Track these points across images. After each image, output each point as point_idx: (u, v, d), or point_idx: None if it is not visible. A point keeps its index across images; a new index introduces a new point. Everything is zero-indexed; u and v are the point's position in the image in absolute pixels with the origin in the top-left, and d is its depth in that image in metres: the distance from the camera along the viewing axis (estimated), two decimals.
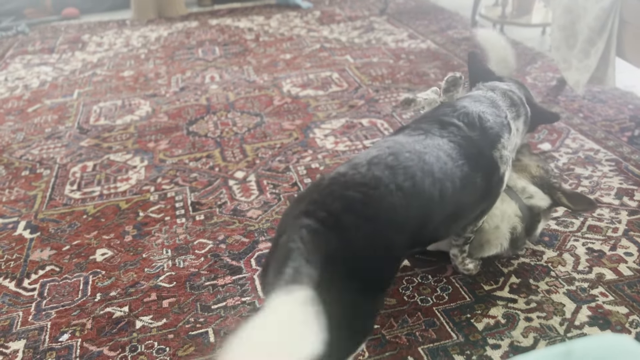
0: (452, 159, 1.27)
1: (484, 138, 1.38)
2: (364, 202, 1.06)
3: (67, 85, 3.33)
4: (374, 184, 1.09)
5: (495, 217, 1.55)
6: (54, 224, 2.00)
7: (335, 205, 1.05)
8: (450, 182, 1.23)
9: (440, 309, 1.51)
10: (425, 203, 1.16)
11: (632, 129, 2.36)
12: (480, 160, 1.34)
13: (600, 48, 2.26)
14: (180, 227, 1.92)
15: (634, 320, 1.43)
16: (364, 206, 1.06)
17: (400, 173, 1.13)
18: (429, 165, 1.20)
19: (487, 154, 1.37)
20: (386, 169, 1.13)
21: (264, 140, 2.49)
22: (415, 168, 1.17)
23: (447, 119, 1.39)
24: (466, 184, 1.28)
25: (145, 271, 1.73)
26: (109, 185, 2.22)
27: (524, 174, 1.63)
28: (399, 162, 1.16)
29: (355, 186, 1.08)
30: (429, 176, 1.18)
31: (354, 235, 1.03)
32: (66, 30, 4.52)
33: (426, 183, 1.16)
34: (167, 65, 3.55)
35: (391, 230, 1.08)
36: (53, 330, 1.53)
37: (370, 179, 1.10)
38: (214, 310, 1.56)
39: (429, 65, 3.23)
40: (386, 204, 1.08)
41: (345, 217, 1.03)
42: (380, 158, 1.17)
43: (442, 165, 1.23)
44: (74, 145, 2.57)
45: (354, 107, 2.76)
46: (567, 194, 1.59)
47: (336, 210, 1.04)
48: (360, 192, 1.07)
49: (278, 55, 3.59)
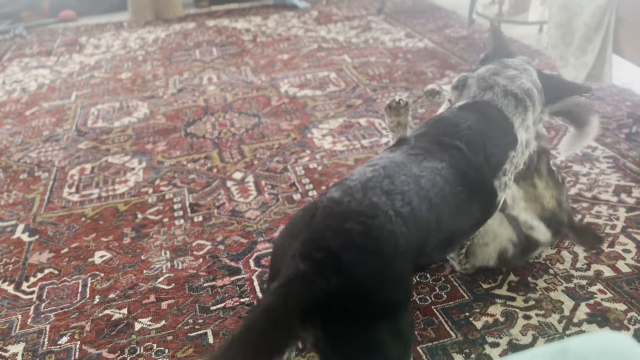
0: (450, 184, 1.21)
1: (487, 165, 1.31)
2: (364, 233, 1.00)
3: (64, 87, 3.33)
4: (372, 212, 1.03)
5: (486, 236, 1.53)
6: (52, 226, 2.00)
7: (334, 241, 0.99)
8: (447, 208, 1.19)
9: (438, 308, 1.51)
10: (424, 228, 1.12)
11: (629, 126, 2.36)
12: (480, 188, 1.29)
13: (596, 45, 2.26)
14: (179, 229, 1.92)
15: (632, 317, 1.43)
16: (364, 238, 1.00)
17: (398, 199, 1.09)
18: (425, 190, 1.15)
19: (487, 181, 1.32)
20: (383, 195, 1.08)
21: (262, 141, 2.49)
22: (412, 193, 1.12)
23: (449, 140, 1.30)
24: (463, 211, 1.25)
25: (144, 273, 1.73)
26: (107, 187, 2.22)
27: (535, 206, 1.55)
28: (395, 186, 1.11)
29: (353, 216, 1.02)
30: (425, 201, 1.13)
31: (359, 272, 0.98)
32: (63, 32, 4.52)
33: (424, 208, 1.12)
34: (165, 66, 3.55)
35: (395, 258, 1.03)
36: (52, 333, 1.53)
37: (368, 207, 1.04)
38: (213, 312, 1.56)
39: (426, 64, 3.23)
40: (387, 232, 1.03)
41: (347, 254, 0.97)
42: (376, 182, 1.12)
43: (439, 191, 1.18)
44: (72, 147, 2.57)
45: (352, 107, 2.76)
46: (575, 229, 1.54)
47: (335, 247, 0.98)
48: (359, 223, 1.01)
49: (275, 56, 3.59)
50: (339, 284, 0.95)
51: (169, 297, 1.63)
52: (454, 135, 1.32)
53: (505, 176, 1.36)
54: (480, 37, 3.65)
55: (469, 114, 1.38)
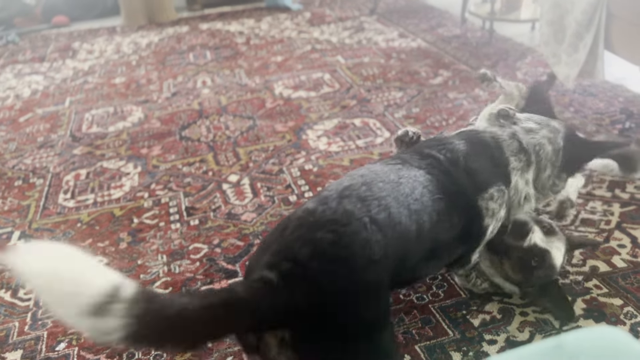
0: (429, 191, 1.19)
1: (468, 179, 1.28)
2: (334, 242, 0.97)
3: (58, 93, 3.32)
4: (345, 220, 1.00)
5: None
6: (48, 233, 2.00)
7: (303, 251, 0.95)
8: (428, 215, 1.15)
9: (436, 307, 1.51)
10: (403, 236, 1.08)
11: (622, 122, 2.37)
12: (460, 200, 1.25)
13: (588, 42, 2.27)
14: (175, 233, 1.92)
15: (628, 312, 1.44)
16: (335, 247, 0.96)
17: (374, 205, 1.05)
18: (403, 196, 1.12)
19: (469, 196, 1.28)
20: (358, 202, 1.05)
21: (257, 143, 2.49)
22: (390, 198, 1.09)
23: (428, 151, 1.31)
24: (443, 220, 1.20)
25: (141, 277, 1.73)
26: (102, 192, 2.22)
27: (500, 272, 1.47)
28: (372, 192, 1.08)
29: (325, 225, 0.99)
30: (404, 207, 1.10)
31: (325, 280, 0.94)
32: (56, 38, 4.51)
33: (403, 214, 1.09)
34: (159, 70, 3.55)
35: (368, 267, 0.98)
36: (49, 340, 1.53)
37: (342, 214, 1.01)
38: None
39: (420, 64, 3.24)
40: (360, 240, 0.99)
41: (313, 265, 0.94)
42: (352, 189, 1.09)
43: (418, 197, 1.15)
44: (67, 153, 2.57)
45: (346, 108, 2.77)
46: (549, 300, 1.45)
47: (303, 257, 0.94)
48: (330, 232, 0.98)
49: (269, 58, 3.59)
50: (304, 297, 0.91)
51: None
52: (435, 148, 1.32)
53: (493, 202, 1.30)
54: (472, 35, 3.66)
55: (464, 137, 1.38)
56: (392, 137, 1.70)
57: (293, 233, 1.00)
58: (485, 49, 3.39)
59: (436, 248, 1.22)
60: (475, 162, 1.31)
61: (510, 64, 3.11)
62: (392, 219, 1.06)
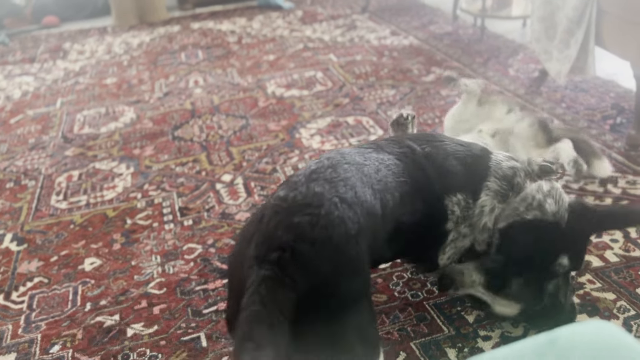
0: (394, 173, 1.22)
1: (438, 175, 1.29)
2: (312, 224, 1.00)
3: (49, 94, 3.30)
4: (318, 202, 1.04)
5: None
6: (40, 235, 1.98)
7: (286, 237, 0.99)
8: (390, 195, 1.19)
9: (430, 303, 1.52)
10: (370, 213, 1.12)
11: (614, 117, 2.39)
12: (425, 188, 1.27)
13: (579, 38, 2.28)
14: (169, 233, 1.91)
15: (621, 306, 1.44)
16: (314, 228, 1.00)
17: (340, 185, 1.09)
18: (367, 176, 1.16)
19: (435, 189, 1.28)
20: (326, 183, 1.09)
21: (250, 143, 2.49)
22: (355, 179, 1.13)
23: (406, 141, 1.34)
24: (407, 202, 1.22)
25: (135, 278, 1.73)
26: (95, 193, 2.21)
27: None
28: (337, 174, 1.12)
29: (300, 209, 1.03)
30: (368, 187, 1.14)
31: (316, 261, 0.98)
32: (47, 39, 4.47)
33: (367, 193, 1.13)
34: (150, 70, 3.53)
35: (348, 242, 1.03)
36: (43, 342, 1.52)
37: (313, 197, 1.05)
38: (206, 315, 1.56)
39: (412, 62, 3.24)
40: (335, 219, 1.03)
41: (301, 248, 0.97)
42: (319, 172, 1.13)
43: (382, 178, 1.19)
44: (59, 155, 2.55)
45: (339, 106, 2.77)
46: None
47: (288, 243, 0.98)
48: (306, 215, 1.01)
49: (261, 57, 3.59)
50: (304, 279, 0.95)
51: (160, 302, 1.62)
52: (419, 142, 1.35)
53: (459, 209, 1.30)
54: (464, 32, 3.67)
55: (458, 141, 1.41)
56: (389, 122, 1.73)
57: (271, 221, 1.03)
58: (477, 46, 3.40)
59: (399, 230, 1.23)
60: (452, 166, 1.31)
61: (502, 60, 3.12)
62: (359, 197, 1.10)
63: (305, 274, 0.96)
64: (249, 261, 0.99)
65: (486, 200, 1.34)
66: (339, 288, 0.99)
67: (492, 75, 2.93)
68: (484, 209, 1.34)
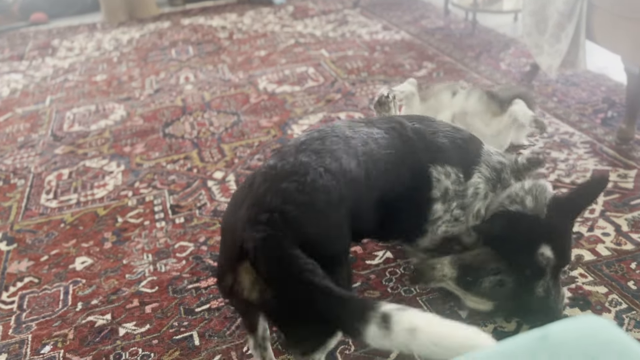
0: (380, 145, 1.28)
1: (425, 147, 1.33)
2: (298, 190, 1.09)
3: (38, 92, 3.27)
4: (304, 171, 1.13)
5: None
6: (30, 234, 1.96)
7: (274, 201, 1.07)
8: (374, 165, 1.24)
9: (423, 299, 1.52)
10: (354, 182, 1.19)
11: (605, 111, 2.39)
12: (409, 156, 1.31)
13: (570, 32, 2.28)
14: (160, 231, 1.90)
15: (613, 299, 1.45)
16: (300, 194, 1.09)
17: (326, 156, 1.17)
18: (353, 148, 1.23)
19: (419, 160, 1.32)
20: (313, 154, 1.17)
21: (241, 139, 2.47)
22: (341, 151, 1.20)
23: (401, 119, 1.40)
24: (391, 172, 1.27)
25: (127, 277, 1.71)
26: (85, 192, 2.19)
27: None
28: (324, 146, 1.20)
29: (287, 177, 1.11)
30: (354, 158, 1.21)
31: (302, 222, 1.07)
32: (35, 36, 4.43)
33: (352, 164, 1.19)
34: (141, 67, 3.50)
35: (329, 209, 1.12)
36: (34, 343, 1.51)
37: (299, 166, 1.14)
38: (198, 313, 1.55)
39: (404, 56, 3.23)
40: (319, 186, 1.11)
41: (288, 209, 1.06)
42: (308, 144, 1.21)
43: (367, 150, 1.25)
44: (48, 153, 2.52)
45: (331, 102, 2.75)
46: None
47: (276, 206, 1.06)
48: (293, 181, 1.10)
49: (253, 53, 3.57)
50: (292, 237, 1.03)
51: (152, 301, 1.61)
52: (414, 120, 1.40)
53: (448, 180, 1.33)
54: (456, 27, 3.66)
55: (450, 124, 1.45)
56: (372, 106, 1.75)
57: (260, 187, 1.11)
58: (469, 40, 3.40)
59: (385, 198, 1.26)
60: (444, 141, 1.35)
61: (494, 55, 3.12)
62: (343, 168, 1.17)
63: (292, 232, 1.04)
64: (241, 223, 1.07)
65: (479, 182, 1.36)
66: (321, 248, 1.07)
67: (483, 70, 2.92)
68: (478, 192, 1.36)
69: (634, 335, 1.36)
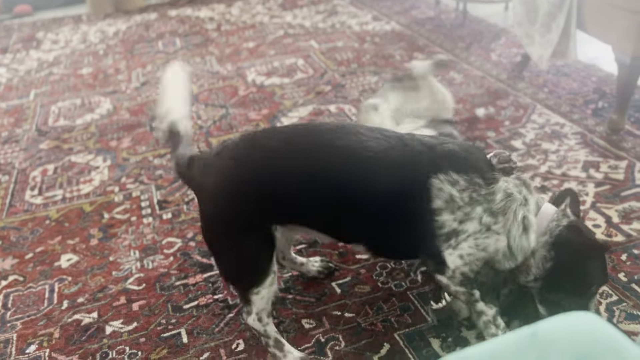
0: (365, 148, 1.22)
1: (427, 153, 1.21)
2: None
3: (22, 86, 3.21)
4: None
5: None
6: (15, 231, 1.93)
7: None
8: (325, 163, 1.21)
9: (414, 293, 1.50)
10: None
11: (595, 101, 2.39)
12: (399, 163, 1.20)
13: (561, 22, 2.27)
14: (147, 227, 1.87)
15: (603, 291, 1.44)
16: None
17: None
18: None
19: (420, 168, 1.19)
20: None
21: (230, 132, 2.44)
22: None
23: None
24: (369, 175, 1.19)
25: (113, 274, 1.69)
26: (71, 188, 2.15)
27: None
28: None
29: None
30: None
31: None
32: (19, 28, 4.35)
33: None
34: (127, 60, 3.45)
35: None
36: (19, 342, 1.48)
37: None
38: (186, 310, 1.53)
39: (394, 47, 3.21)
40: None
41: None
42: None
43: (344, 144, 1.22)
44: (33, 148, 2.48)
45: (321, 94, 2.73)
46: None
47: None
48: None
49: (241, 44, 3.52)
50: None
51: (140, 298, 1.59)
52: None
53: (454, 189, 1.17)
54: (446, 17, 3.64)
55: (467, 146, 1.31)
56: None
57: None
58: (459, 30, 3.37)
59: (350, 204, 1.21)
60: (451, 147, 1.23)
61: (484, 45, 3.10)
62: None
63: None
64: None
65: (509, 186, 1.20)
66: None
67: (474, 60, 2.90)
68: (513, 197, 1.19)
69: (625, 328, 1.35)
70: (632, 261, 1.53)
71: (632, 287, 1.45)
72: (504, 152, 1.26)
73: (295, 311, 1.49)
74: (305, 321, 1.46)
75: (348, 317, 1.45)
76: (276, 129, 1.36)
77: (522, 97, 2.49)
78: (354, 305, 1.48)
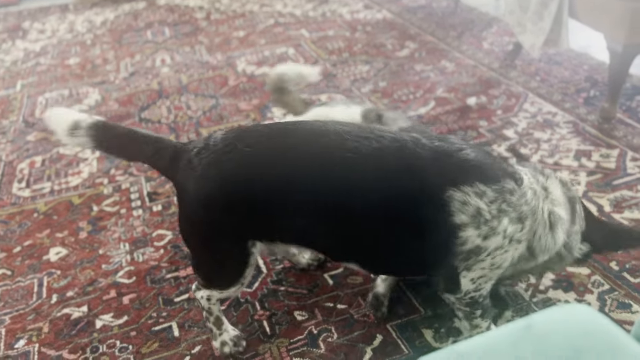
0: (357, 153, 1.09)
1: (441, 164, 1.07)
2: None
3: (8, 77, 3.15)
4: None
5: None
6: (2, 225, 1.90)
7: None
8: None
9: (406, 284, 1.50)
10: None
11: (587, 90, 2.38)
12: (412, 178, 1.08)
13: (553, 10, 2.26)
14: (137, 220, 1.85)
15: (595, 281, 1.45)
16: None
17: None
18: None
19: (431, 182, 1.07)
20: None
21: (220, 123, 2.42)
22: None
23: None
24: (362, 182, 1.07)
25: (103, 268, 1.67)
26: (59, 180, 2.12)
27: None
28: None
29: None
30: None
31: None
32: (5, 18, 4.27)
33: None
34: (115, 50, 3.40)
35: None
36: (8, 337, 1.46)
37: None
38: (177, 303, 1.51)
39: (385, 36, 3.18)
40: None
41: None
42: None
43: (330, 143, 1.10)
44: (20, 140, 2.44)
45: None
46: None
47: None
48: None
49: (231, 33, 3.48)
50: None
51: (130, 292, 1.57)
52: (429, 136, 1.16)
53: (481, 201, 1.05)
54: (438, 5, 3.61)
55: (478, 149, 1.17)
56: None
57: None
58: (451, 19, 3.35)
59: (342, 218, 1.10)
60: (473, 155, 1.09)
61: (476, 34, 3.08)
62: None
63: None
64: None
65: (532, 182, 1.12)
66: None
67: (466, 49, 2.89)
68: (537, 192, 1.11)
69: (616, 316, 1.36)
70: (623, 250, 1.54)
71: (624, 276, 1.45)
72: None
73: (287, 303, 1.48)
74: (298, 313, 1.45)
75: (340, 308, 1.45)
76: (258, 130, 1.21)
77: (514, 85, 2.48)
78: (346, 296, 1.48)
